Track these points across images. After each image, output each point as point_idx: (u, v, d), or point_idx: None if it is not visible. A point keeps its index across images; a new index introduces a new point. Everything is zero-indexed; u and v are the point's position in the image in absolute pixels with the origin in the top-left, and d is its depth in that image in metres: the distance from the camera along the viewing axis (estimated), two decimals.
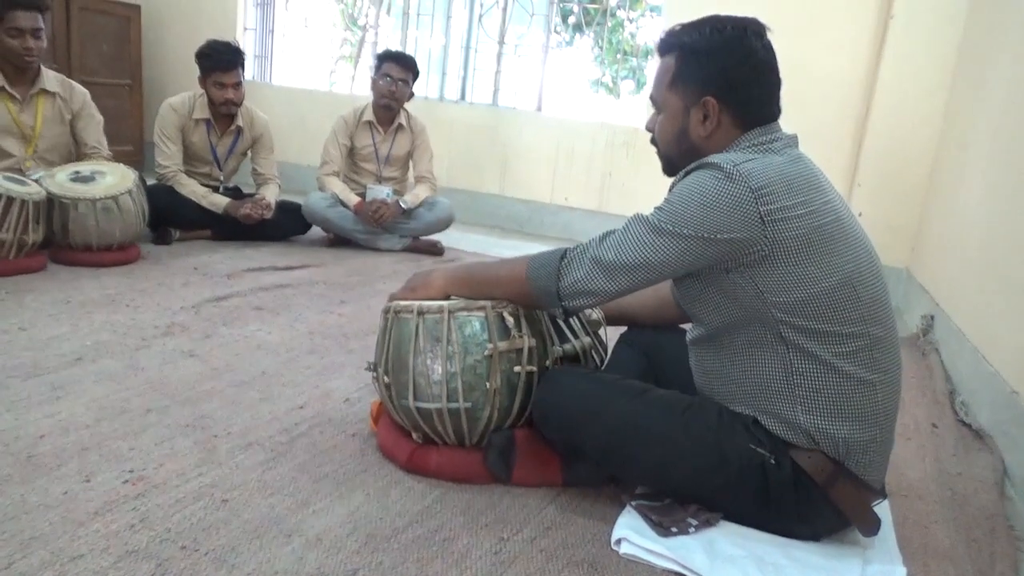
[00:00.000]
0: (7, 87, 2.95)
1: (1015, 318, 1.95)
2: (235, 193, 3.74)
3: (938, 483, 1.72)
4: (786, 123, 1.38)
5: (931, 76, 3.70)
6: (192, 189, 3.48)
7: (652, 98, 1.45)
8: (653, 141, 1.47)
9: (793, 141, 1.36)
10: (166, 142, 3.47)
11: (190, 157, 3.60)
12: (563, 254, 1.37)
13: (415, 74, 3.82)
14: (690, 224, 1.24)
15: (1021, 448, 1.73)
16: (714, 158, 1.27)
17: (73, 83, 3.19)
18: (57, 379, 1.79)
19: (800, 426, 1.28)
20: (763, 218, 1.21)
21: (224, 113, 3.54)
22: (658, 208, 1.30)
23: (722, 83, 1.32)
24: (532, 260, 1.41)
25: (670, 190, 1.34)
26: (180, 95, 3.56)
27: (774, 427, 1.30)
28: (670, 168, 1.44)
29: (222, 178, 3.71)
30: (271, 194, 3.67)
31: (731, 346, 1.35)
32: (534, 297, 1.40)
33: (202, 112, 3.53)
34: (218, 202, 3.49)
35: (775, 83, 1.35)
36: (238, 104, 3.54)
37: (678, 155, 1.40)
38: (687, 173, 1.31)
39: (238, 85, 3.49)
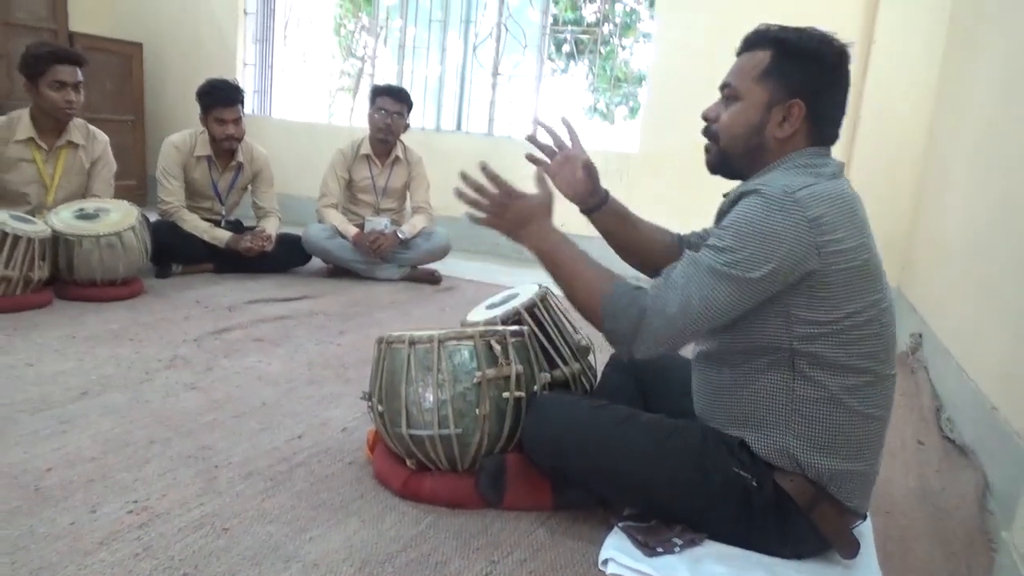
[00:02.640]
0: (36, 138, 3.07)
1: (994, 335, 2.01)
2: (237, 227, 3.82)
3: (921, 499, 1.77)
4: None
5: (914, 99, 3.79)
6: (194, 224, 3.56)
7: (729, 86, 1.39)
8: (708, 132, 1.42)
9: (841, 169, 1.35)
10: (168, 179, 3.56)
11: (192, 193, 3.68)
12: (640, 314, 1.26)
13: (409, 106, 3.92)
14: (756, 264, 1.21)
15: (1001, 463, 1.77)
16: (767, 185, 1.24)
17: (96, 131, 3.31)
18: (63, 413, 1.85)
19: (787, 451, 1.30)
20: (818, 249, 1.20)
21: (226, 148, 3.63)
22: (718, 249, 1.25)
23: (815, 92, 1.32)
24: (605, 302, 1.31)
25: (718, 218, 1.32)
26: (181, 132, 3.65)
27: (761, 449, 1.33)
28: (722, 163, 1.41)
29: (224, 212, 3.80)
30: (272, 227, 3.75)
31: (738, 365, 1.35)
32: (606, 337, 1.34)
33: (203, 149, 3.62)
34: (220, 236, 3.57)
35: (845, 111, 1.37)
36: (239, 139, 3.63)
37: (742, 150, 1.38)
38: (736, 200, 1.29)
39: (238, 120, 3.58)
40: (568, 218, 1.55)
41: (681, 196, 4.49)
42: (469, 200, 1.45)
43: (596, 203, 1.70)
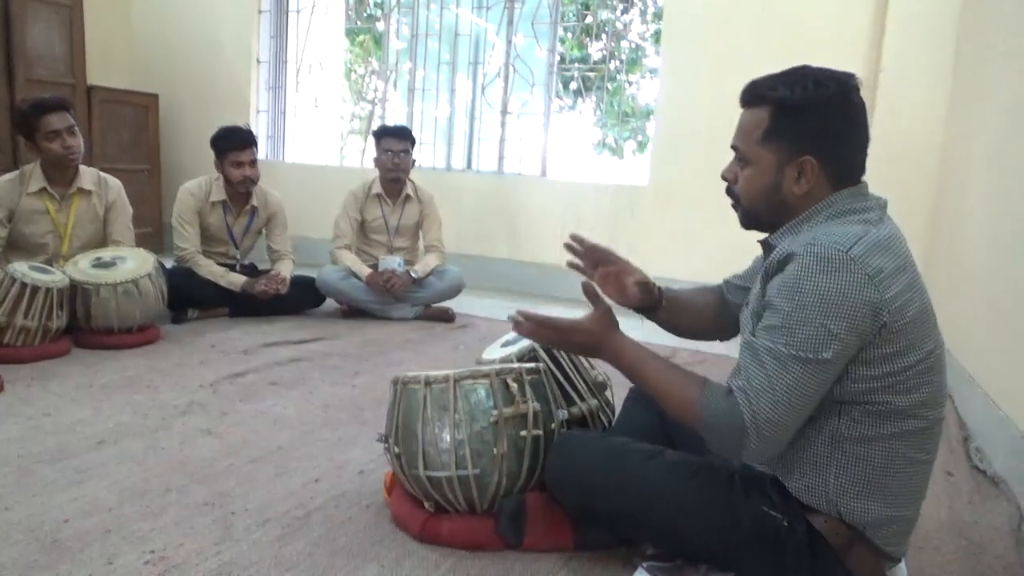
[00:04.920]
0: (48, 187, 3.13)
1: (1022, 361, 1.97)
2: (251, 270, 3.85)
3: (953, 533, 1.72)
4: None
5: (924, 126, 3.79)
6: (210, 269, 3.59)
7: (736, 149, 1.36)
8: (730, 192, 1.40)
9: (883, 206, 1.30)
10: (184, 226, 3.60)
11: (208, 238, 3.73)
12: (741, 429, 1.17)
13: (412, 141, 3.97)
14: (829, 336, 1.15)
15: None
16: (815, 244, 1.18)
17: (107, 177, 3.36)
18: (80, 463, 1.84)
19: (825, 493, 1.25)
20: (882, 307, 1.15)
21: (242, 191, 3.68)
22: (782, 330, 1.18)
23: (823, 142, 1.26)
24: (701, 415, 1.23)
25: (764, 278, 1.26)
26: (196, 180, 3.71)
27: (797, 489, 1.27)
28: (753, 221, 1.38)
29: (238, 256, 3.83)
30: (286, 270, 3.77)
31: None
32: (709, 444, 1.26)
33: (218, 195, 3.67)
34: (235, 281, 3.60)
35: (867, 140, 1.30)
36: (255, 181, 3.68)
37: (766, 210, 1.34)
38: (783, 261, 1.22)
39: (254, 162, 3.64)
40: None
41: (691, 225, 4.51)
42: (526, 333, 1.42)
43: (651, 306, 1.66)
